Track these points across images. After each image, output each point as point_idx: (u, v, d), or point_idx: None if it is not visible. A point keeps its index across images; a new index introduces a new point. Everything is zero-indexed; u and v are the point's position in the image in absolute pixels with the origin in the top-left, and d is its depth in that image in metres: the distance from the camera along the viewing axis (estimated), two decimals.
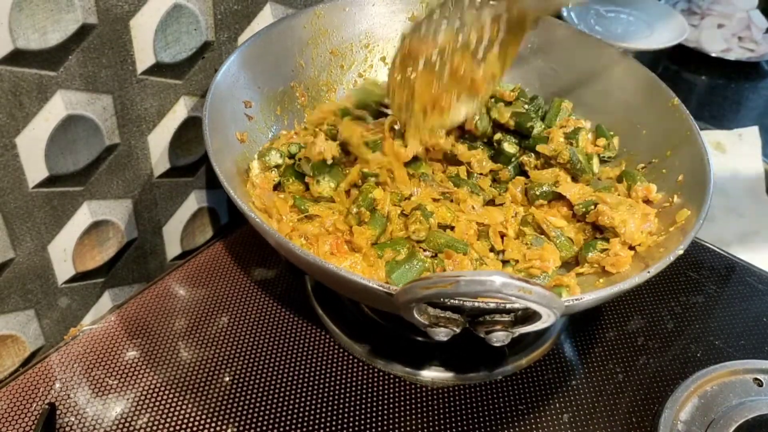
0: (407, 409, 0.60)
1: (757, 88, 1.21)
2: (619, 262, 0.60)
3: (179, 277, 0.70)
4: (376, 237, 0.61)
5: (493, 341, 0.48)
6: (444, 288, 0.42)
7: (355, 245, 0.60)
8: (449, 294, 0.42)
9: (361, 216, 0.61)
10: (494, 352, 0.63)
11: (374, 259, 0.59)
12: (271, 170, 0.66)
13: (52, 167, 0.57)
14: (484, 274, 0.42)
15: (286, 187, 0.65)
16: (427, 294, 0.43)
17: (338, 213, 0.62)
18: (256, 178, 0.64)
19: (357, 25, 0.76)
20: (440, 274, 0.46)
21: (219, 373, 0.61)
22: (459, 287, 0.41)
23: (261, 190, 0.64)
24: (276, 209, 0.62)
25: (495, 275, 0.41)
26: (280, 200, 0.63)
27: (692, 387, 0.61)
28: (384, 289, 0.47)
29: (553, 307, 0.43)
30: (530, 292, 0.41)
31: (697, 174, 0.62)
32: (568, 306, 0.48)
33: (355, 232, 0.60)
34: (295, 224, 0.62)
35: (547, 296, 0.42)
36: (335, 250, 0.60)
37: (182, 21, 0.62)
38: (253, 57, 0.67)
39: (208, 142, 0.57)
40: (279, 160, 0.66)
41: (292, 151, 0.68)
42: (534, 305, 0.43)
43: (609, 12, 1.24)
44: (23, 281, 0.60)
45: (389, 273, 0.59)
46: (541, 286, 0.42)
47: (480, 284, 0.41)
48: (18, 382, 0.59)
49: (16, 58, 0.51)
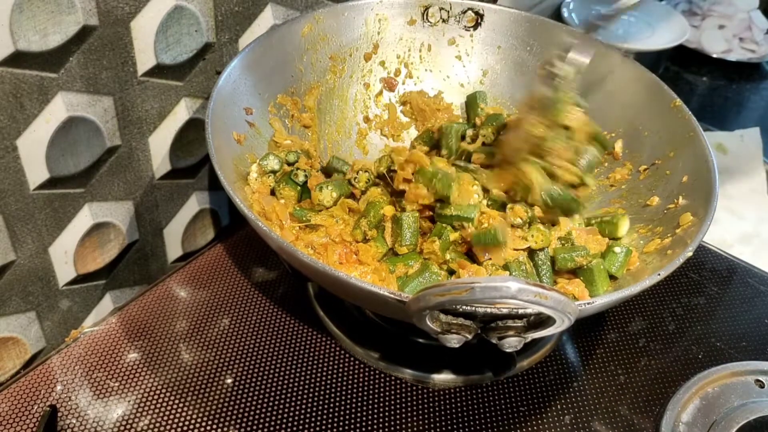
0: (408, 411, 0.60)
1: (758, 89, 1.21)
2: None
3: (180, 279, 0.70)
4: (383, 255, 0.62)
5: (506, 347, 0.47)
6: (458, 295, 0.41)
7: (361, 260, 0.61)
8: (464, 301, 0.42)
9: (367, 234, 0.62)
10: (498, 355, 0.63)
11: (385, 273, 0.60)
12: (267, 175, 0.66)
13: (53, 169, 0.57)
14: (498, 280, 0.41)
15: (278, 192, 0.66)
16: (441, 301, 0.42)
17: (342, 222, 0.63)
18: (254, 182, 0.65)
19: (356, 30, 0.76)
20: (454, 281, 0.45)
21: (220, 375, 0.61)
22: (474, 294, 0.41)
23: (259, 194, 0.64)
24: (275, 214, 0.63)
25: (510, 281, 0.40)
26: (280, 205, 0.64)
27: (694, 388, 0.61)
28: (396, 297, 0.46)
29: (567, 312, 0.43)
30: (546, 298, 0.41)
31: (702, 175, 0.62)
32: (581, 310, 0.48)
33: (361, 249, 0.61)
34: (299, 233, 0.62)
35: (562, 301, 0.42)
36: (344, 260, 0.60)
37: (183, 22, 0.62)
38: (253, 62, 0.67)
39: (211, 149, 0.57)
40: (276, 166, 0.66)
41: (290, 159, 0.68)
42: (549, 310, 0.42)
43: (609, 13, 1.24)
44: (24, 283, 0.60)
45: (402, 287, 0.59)
46: (557, 292, 0.41)
47: (495, 290, 0.40)
48: (19, 384, 0.59)
49: (17, 60, 0.51)
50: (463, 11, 0.78)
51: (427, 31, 0.79)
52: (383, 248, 0.62)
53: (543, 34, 0.77)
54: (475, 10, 0.78)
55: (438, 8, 0.78)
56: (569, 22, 1.16)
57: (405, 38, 0.78)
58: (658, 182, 0.66)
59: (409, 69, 0.79)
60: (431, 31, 0.79)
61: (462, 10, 0.78)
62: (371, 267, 0.60)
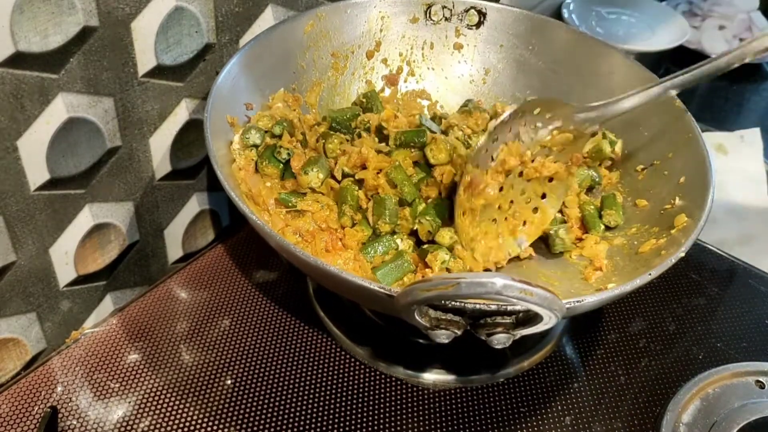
0: (409, 411, 0.60)
1: (758, 90, 1.21)
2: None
3: (181, 279, 0.70)
4: (367, 237, 0.62)
5: (495, 343, 0.48)
6: (445, 290, 0.42)
7: (346, 244, 0.61)
8: (450, 296, 0.42)
9: (354, 219, 0.62)
10: (496, 355, 0.63)
11: (364, 262, 0.61)
12: (250, 149, 0.64)
13: (53, 170, 0.57)
14: (484, 276, 0.42)
15: (261, 169, 0.64)
16: (427, 296, 0.43)
17: (327, 208, 0.63)
18: (239, 157, 0.63)
19: (358, 27, 0.76)
20: (441, 276, 0.46)
21: (221, 376, 0.61)
22: (460, 289, 0.41)
23: (245, 172, 0.62)
24: (262, 198, 0.62)
25: (496, 277, 0.41)
26: (266, 189, 0.62)
27: (694, 389, 0.61)
28: (385, 292, 0.47)
29: (554, 309, 0.43)
30: (531, 294, 0.41)
31: (699, 176, 0.62)
32: (569, 308, 0.48)
33: (347, 233, 0.61)
34: (287, 219, 0.62)
35: (548, 298, 0.42)
36: (330, 247, 0.61)
37: (183, 23, 0.62)
38: (255, 59, 0.67)
39: (210, 146, 0.57)
40: (258, 141, 0.64)
41: (275, 132, 0.65)
42: (535, 307, 0.43)
43: (610, 14, 1.25)
44: (25, 284, 0.60)
45: (374, 271, 0.59)
46: (542, 288, 0.42)
47: (481, 286, 0.41)
48: (20, 386, 0.59)
49: (18, 61, 0.51)
50: (466, 9, 0.78)
51: (430, 29, 0.79)
52: (368, 231, 0.62)
53: (545, 33, 0.77)
54: (478, 8, 0.78)
55: (441, 6, 0.78)
56: (569, 23, 1.16)
57: (407, 36, 0.78)
58: (655, 183, 0.66)
59: (411, 67, 0.79)
60: (434, 29, 0.79)
61: (464, 8, 0.78)
62: (353, 253, 0.61)
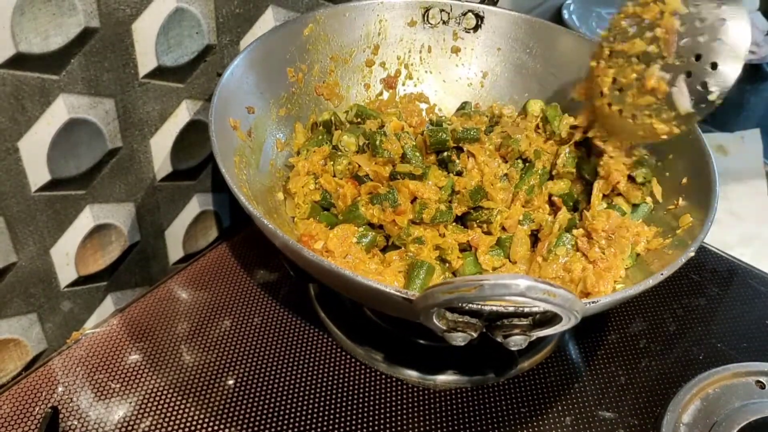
0: (409, 411, 0.60)
1: (758, 91, 1.21)
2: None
3: (182, 280, 0.70)
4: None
5: (511, 345, 0.47)
6: (467, 292, 0.41)
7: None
8: (472, 298, 0.42)
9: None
10: (499, 355, 0.63)
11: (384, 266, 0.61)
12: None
13: (54, 171, 0.57)
14: (508, 277, 0.41)
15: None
16: (448, 298, 0.42)
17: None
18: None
19: (357, 30, 0.76)
20: (463, 278, 0.45)
21: (222, 376, 0.61)
22: (483, 291, 0.41)
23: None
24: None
25: (520, 278, 0.40)
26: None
27: (694, 390, 0.61)
28: (403, 295, 0.46)
29: (574, 310, 0.43)
30: (554, 296, 0.41)
31: (702, 177, 0.62)
32: (587, 308, 0.48)
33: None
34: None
35: (570, 299, 0.42)
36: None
37: (184, 24, 0.62)
38: (256, 61, 0.67)
39: (216, 148, 0.57)
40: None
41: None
42: (556, 309, 0.42)
43: (610, 15, 1.24)
44: (26, 285, 0.60)
45: (408, 285, 0.59)
46: (565, 290, 0.41)
47: (505, 288, 0.40)
48: (21, 386, 0.59)
49: (19, 62, 0.51)
50: (464, 13, 0.78)
51: (428, 33, 0.79)
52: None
53: (543, 37, 0.77)
54: (476, 12, 0.78)
55: (438, 10, 0.78)
56: (569, 24, 1.16)
57: (405, 39, 0.78)
58: (657, 182, 0.66)
59: (409, 70, 0.79)
60: (431, 33, 0.79)
61: (462, 11, 0.78)
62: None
